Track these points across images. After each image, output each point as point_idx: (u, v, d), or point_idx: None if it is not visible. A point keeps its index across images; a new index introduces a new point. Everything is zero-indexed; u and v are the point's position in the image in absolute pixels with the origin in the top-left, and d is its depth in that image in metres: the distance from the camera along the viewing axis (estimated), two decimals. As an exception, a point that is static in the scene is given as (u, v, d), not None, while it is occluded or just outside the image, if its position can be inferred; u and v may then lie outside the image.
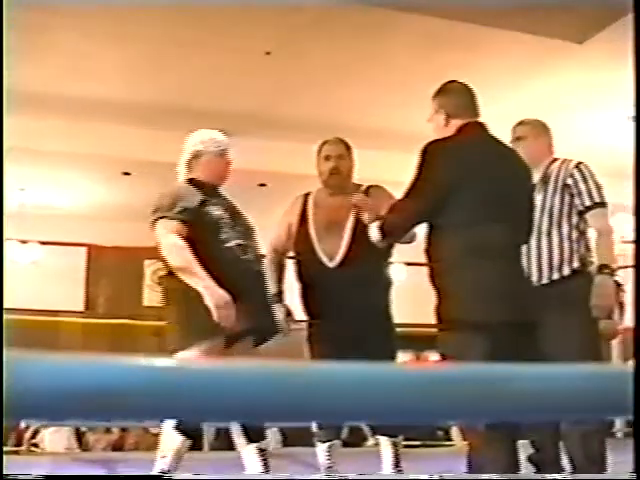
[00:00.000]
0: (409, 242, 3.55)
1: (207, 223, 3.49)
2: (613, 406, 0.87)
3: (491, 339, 2.84)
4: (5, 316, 3.83)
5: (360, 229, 3.56)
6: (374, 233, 3.13)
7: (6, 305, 4.09)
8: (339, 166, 3.84)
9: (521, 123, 3.84)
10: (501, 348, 2.80)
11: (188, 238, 3.43)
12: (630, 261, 7.08)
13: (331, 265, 3.73)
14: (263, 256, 3.79)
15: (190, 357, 3.30)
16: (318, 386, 0.72)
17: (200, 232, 3.46)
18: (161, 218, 3.51)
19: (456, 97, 3.26)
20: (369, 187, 3.89)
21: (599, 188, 3.62)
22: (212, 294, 3.28)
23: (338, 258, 3.72)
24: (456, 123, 3.16)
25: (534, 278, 3.53)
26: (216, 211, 3.54)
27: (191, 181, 3.67)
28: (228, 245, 3.48)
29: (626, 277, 6.68)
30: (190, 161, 3.75)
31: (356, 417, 1.15)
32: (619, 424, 6.92)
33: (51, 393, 0.64)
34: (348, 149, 3.93)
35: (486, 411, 0.84)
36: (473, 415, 0.99)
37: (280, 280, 3.96)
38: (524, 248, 3.33)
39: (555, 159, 3.74)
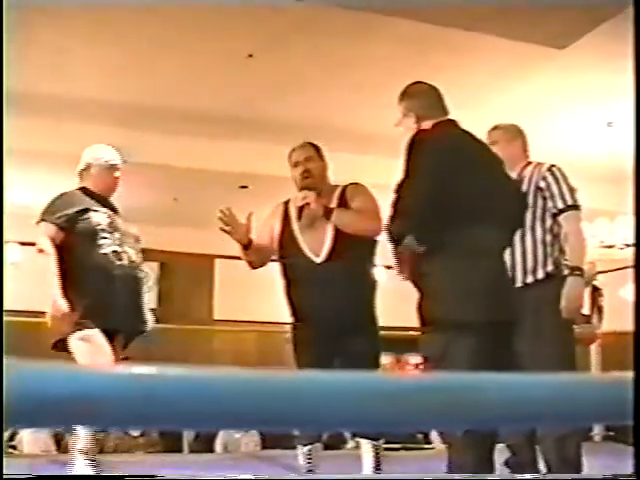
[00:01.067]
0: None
1: (85, 230, 3.90)
2: (591, 414, 0.87)
3: (472, 339, 2.85)
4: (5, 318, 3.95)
5: None
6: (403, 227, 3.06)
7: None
8: (309, 168, 3.87)
9: (495, 128, 3.87)
10: (482, 349, 2.81)
11: (65, 243, 3.86)
12: (609, 266, 7.14)
13: (318, 260, 3.74)
14: (139, 262, 4.10)
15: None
16: (301, 394, 0.72)
17: (77, 238, 3.88)
18: (43, 221, 3.92)
19: (423, 98, 3.26)
20: (348, 185, 3.91)
21: (572, 191, 3.64)
22: (53, 303, 3.69)
23: (324, 253, 3.73)
24: (427, 124, 3.16)
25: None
26: (95, 219, 3.94)
27: (82, 189, 4.11)
28: (103, 252, 3.87)
29: (606, 281, 6.72)
30: (82, 171, 4.19)
31: (334, 425, 1.15)
32: (597, 428, 6.95)
33: (37, 400, 0.64)
34: (317, 151, 3.95)
35: (466, 419, 0.85)
36: (454, 423, 1.00)
37: None
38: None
39: (529, 162, 3.77)
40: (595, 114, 7.06)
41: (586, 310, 5.03)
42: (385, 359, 7.39)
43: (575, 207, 3.63)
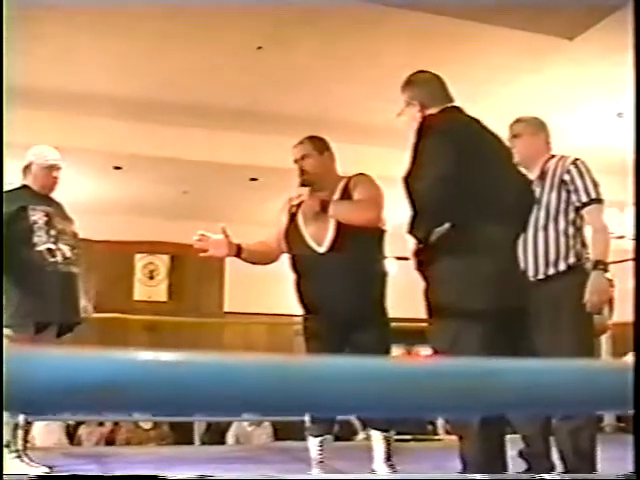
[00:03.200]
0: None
1: (21, 227, 4.13)
2: (605, 400, 0.88)
3: (482, 330, 2.84)
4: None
5: None
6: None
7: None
8: (304, 166, 3.88)
9: (518, 121, 3.85)
10: (492, 339, 2.80)
11: (3, 239, 4.05)
12: (619, 257, 7.12)
13: (320, 250, 3.75)
14: (74, 258, 4.32)
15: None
16: (316, 379, 0.73)
17: (14, 235, 4.10)
18: None
19: (427, 86, 3.24)
20: (352, 176, 3.91)
21: (595, 185, 3.64)
22: None
23: (326, 243, 3.74)
24: (432, 111, 3.14)
25: (530, 273, 3.55)
26: (33, 217, 4.16)
27: (23, 187, 4.32)
28: (38, 249, 4.11)
29: (616, 273, 6.70)
30: (24, 169, 4.37)
31: (348, 410, 1.17)
32: (608, 419, 6.95)
33: (55, 387, 0.65)
34: (317, 146, 3.93)
35: (479, 404, 0.85)
36: (467, 409, 1.00)
37: None
38: (521, 242, 3.34)
39: (552, 156, 3.76)
40: (604, 105, 7.04)
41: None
42: (396, 351, 7.40)
43: (598, 201, 3.63)
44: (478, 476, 2.86)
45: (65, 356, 0.67)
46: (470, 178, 2.92)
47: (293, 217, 3.91)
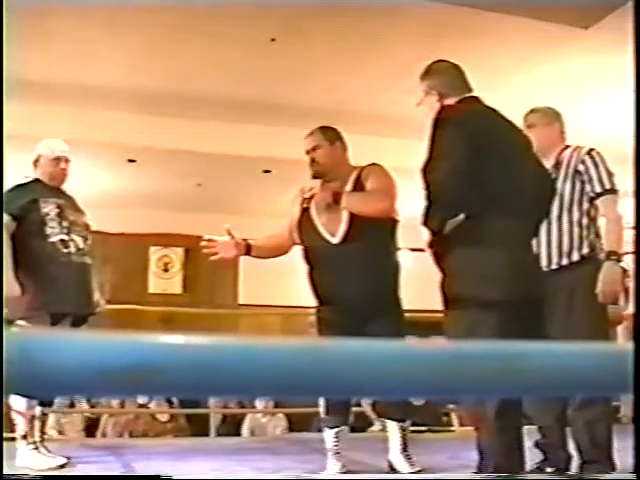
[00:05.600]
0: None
1: (34, 219, 4.19)
2: (620, 385, 0.88)
3: (497, 321, 2.84)
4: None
5: None
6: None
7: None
8: (315, 157, 3.88)
9: (532, 111, 3.84)
10: (507, 330, 2.80)
11: (18, 232, 4.15)
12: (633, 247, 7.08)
13: (334, 241, 3.75)
14: (87, 249, 4.36)
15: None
16: (347, 361, 0.74)
17: (27, 227, 4.17)
18: None
19: (446, 76, 3.22)
20: (365, 167, 3.90)
21: (610, 175, 3.63)
22: (7, 285, 3.97)
23: (340, 234, 3.74)
24: (451, 101, 3.13)
25: (543, 263, 3.54)
26: (44, 209, 4.22)
27: (35, 180, 4.39)
28: (51, 240, 4.17)
29: (631, 263, 6.68)
30: (34, 162, 4.44)
31: (372, 393, 1.18)
32: (624, 409, 6.93)
33: (86, 370, 0.66)
34: (327, 137, 3.92)
35: (497, 388, 0.86)
36: (484, 392, 1.01)
37: None
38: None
39: (567, 146, 3.75)
40: (620, 94, 6.99)
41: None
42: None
43: (613, 191, 3.62)
44: (470, 476, 2.87)
45: (96, 340, 0.69)
46: (485, 169, 2.91)
47: (305, 208, 3.91)
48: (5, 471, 3.38)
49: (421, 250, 3.16)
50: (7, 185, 4.37)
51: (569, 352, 0.83)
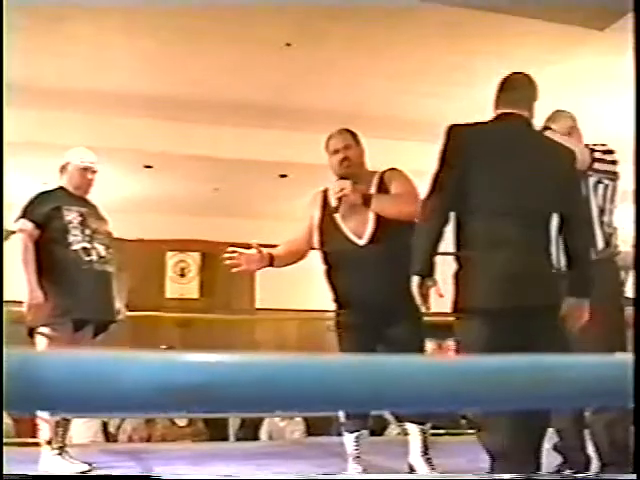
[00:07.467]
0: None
1: (57, 227, 4.23)
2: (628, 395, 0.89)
3: (501, 326, 2.85)
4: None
5: None
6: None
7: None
8: (348, 156, 3.87)
9: (550, 116, 3.86)
10: (511, 335, 2.81)
11: (41, 239, 4.20)
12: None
13: (361, 243, 3.75)
14: (109, 257, 4.43)
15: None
16: (395, 377, 0.77)
17: (49, 235, 4.22)
18: (22, 218, 4.24)
19: (506, 90, 3.27)
20: (386, 171, 3.91)
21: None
22: (29, 293, 4.04)
23: (367, 236, 3.74)
24: (496, 112, 3.20)
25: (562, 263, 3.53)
26: (67, 217, 4.26)
27: (59, 188, 4.44)
28: (73, 248, 4.21)
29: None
30: (61, 170, 4.49)
31: (389, 405, 1.20)
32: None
33: (159, 387, 0.69)
34: (355, 137, 3.96)
35: (514, 400, 0.87)
36: (494, 403, 1.03)
37: None
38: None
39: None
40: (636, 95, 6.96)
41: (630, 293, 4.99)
42: (428, 345, 7.38)
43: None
44: (472, 477, 2.87)
45: (157, 358, 0.71)
46: (476, 183, 2.98)
47: (326, 209, 3.91)
48: (5, 471, 3.40)
49: (440, 254, 3.16)
50: (6, 185, 4.42)
51: (587, 364, 0.84)
